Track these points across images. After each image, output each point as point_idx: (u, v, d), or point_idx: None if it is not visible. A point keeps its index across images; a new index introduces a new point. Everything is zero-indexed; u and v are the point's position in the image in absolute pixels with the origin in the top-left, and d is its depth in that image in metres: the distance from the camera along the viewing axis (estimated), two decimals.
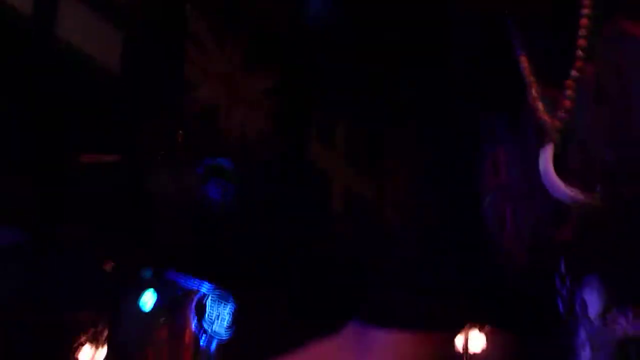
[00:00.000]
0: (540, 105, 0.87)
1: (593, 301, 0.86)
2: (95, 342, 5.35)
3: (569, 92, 0.83)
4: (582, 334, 0.90)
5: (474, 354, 5.81)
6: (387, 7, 1.03)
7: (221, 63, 5.07)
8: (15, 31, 3.92)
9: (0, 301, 5.09)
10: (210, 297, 5.47)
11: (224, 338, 5.51)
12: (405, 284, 1.08)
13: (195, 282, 5.37)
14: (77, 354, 5.35)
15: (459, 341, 5.82)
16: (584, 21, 0.85)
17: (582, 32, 0.85)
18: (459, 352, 5.98)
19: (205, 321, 5.41)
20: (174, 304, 5.40)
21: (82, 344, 5.37)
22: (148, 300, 5.17)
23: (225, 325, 5.53)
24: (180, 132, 4.52)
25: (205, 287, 5.42)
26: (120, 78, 4.35)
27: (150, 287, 5.18)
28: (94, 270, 5.06)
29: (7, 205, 4.24)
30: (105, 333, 5.31)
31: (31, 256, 4.92)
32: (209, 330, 5.43)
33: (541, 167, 0.85)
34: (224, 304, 5.60)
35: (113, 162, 4.40)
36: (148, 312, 5.23)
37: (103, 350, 5.33)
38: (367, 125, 5.23)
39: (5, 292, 5.10)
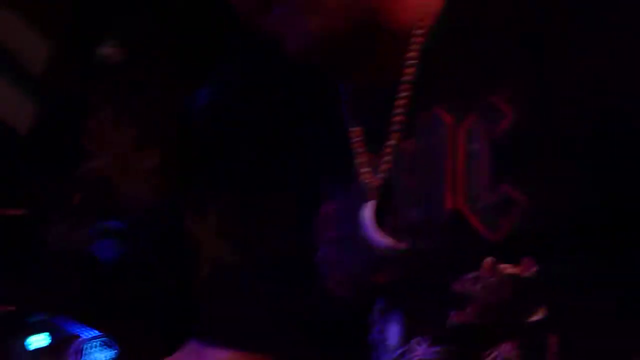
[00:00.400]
0: (364, 168, 1.04)
1: (394, 333, 1.03)
2: None
3: (386, 159, 1.01)
4: None
5: None
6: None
7: (116, 140, 5.36)
8: None
9: None
10: (92, 343, 5.15)
11: None
12: (236, 307, 1.31)
13: (80, 329, 5.12)
14: None
15: None
16: (400, 102, 1.01)
17: (399, 110, 1.01)
18: None
19: (87, 358, 5.15)
20: (58, 347, 5.09)
21: None
22: (35, 342, 4.93)
23: None
24: (77, 195, 4.74)
25: (89, 334, 5.04)
26: (27, 141, 4.64)
27: (40, 330, 4.92)
28: None
29: None
30: None
31: None
32: None
33: (363, 220, 1.02)
34: (106, 349, 5.12)
35: (15, 216, 4.69)
36: (33, 353, 4.96)
37: None
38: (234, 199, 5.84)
39: None
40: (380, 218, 1.01)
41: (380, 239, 1.00)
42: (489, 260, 0.92)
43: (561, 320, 0.90)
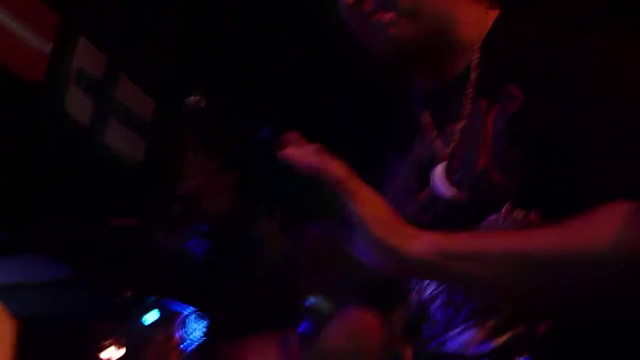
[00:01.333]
0: (436, 141, 1.06)
1: None
2: (116, 345, 6.08)
3: (455, 135, 1.03)
4: None
5: None
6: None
7: (202, 166, 5.76)
8: (71, 136, 4.62)
9: (51, 315, 6.02)
10: (190, 316, 6.05)
11: (197, 344, 5.96)
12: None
13: (181, 306, 5.97)
14: (102, 354, 6.09)
15: None
16: (468, 96, 1.03)
17: (467, 102, 1.03)
18: None
19: (185, 332, 5.97)
20: (167, 320, 5.98)
21: (107, 346, 6.08)
22: (149, 317, 5.84)
23: (199, 335, 5.98)
24: (176, 207, 5.31)
25: (187, 310, 6.02)
26: (139, 169, 5.08)
27: (152, 308, 5.86)
28: (118, 297, 5.75)
29: (56, 248, 5.00)
30: (123, 339, 6.03)
31: (77, 288, 5.68)
32: (190, 336, 5.99)
33: (435, 176, 1.03)
34: (202, 321, 6.10)
35: (130, 224, 5.12)
36: (149, 325, 5.91)
37: (121, 351, 6.01)
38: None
39: (53, 309, 6.01)
40: (448, 174, 1.03)
41: (448, 189, 1.02)
42: (507, 205, 0.93)
43: None
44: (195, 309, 6.17)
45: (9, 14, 4.13)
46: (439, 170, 1.02)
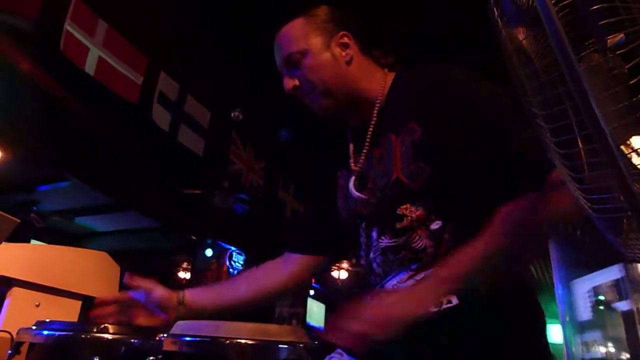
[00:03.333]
0: (352, 163, 1.02)
1: (374, 234, 0.97)
2: (184, 270, 6.53)
3: (362, 159, 0.99)
4: None
5: None
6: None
7: (244, 155, 5.96)
8: (157, 137, 4.86)
9: (144, 252, 6.26)
10: (234, 252, 6.26)
11: (240, 269, 6.17)
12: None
13: (228, 246, 6.19)
14: (179, 274, 6.43)
15: None
16: (370, 133, 0.99)
17: (369, 136, 0.99)
18: None
19: (232, 261, 6.21)
20: (219, 254, 6.18)
21: (180, 270, 6.59)
22: (208, 252, 6.06)
23: (240, 265, 6.21)
24: (225, 182, 5.57)
25: (232, 248, 6.21)
26: (201, 159, 5.30)
27: (210, 247, 6.09)
28: (188, 239, 6.08)
29: (148, 208, 5.32)
30: (190, 266, 6.41)
31: (161, 233, 5.95)
32: (234, 265, 6.19)
33: (350, 187, 1.00)
34: (241, 255, 6.33)
35: (196, 193, 4.76)
36: (209, 257, 6.08)
37: (188, 274, 6.43)
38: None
39: (146, 247, 6.30)
40: (359, 186, 0.98)
41: (358, 195, 0.98)
42: (412, 199, 0.89)
43: (452, 227, 0.87)
44: (237, 247, 6.31)
45: (116, 58, 4.47)
46: (350, 183, 0.99)
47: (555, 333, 3.54)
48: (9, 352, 0.89)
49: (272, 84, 1.08)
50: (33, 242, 5.63)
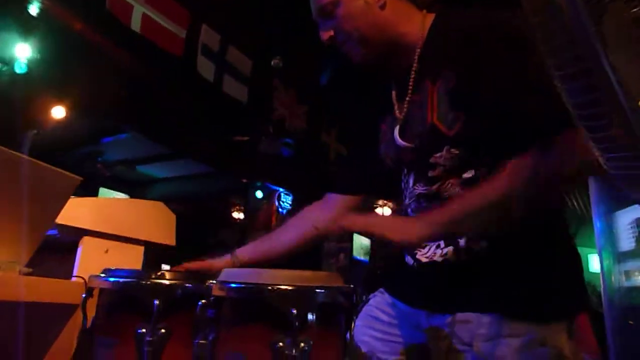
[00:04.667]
0: (396, 110, 0.97)
1: (411, 180, 0.97)
2: (238, 210, 6.73)
3: (406, 105, 0.95)
4: None
5: None
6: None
7: (286, 101, 5.99)
8: (202, 88, 4.93)
9: (200, 195, 6.42)
10: (282, 193, 6.38)
11: (289, 209, 6.37)
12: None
13: (277, 188, 6.32)
14: (233, 214, 6.69)
15: None
16: (412, 79, 0.94)
17: (411, 82, 0.94)
18: None
19: (281, 201, 6.37)
20: (269, 195, 6.31)
21: (234, 211, 6.85)
22: (259, 194, 6.26)
23: (288, 205, 6.37)
24: (270, 127, 5.48)
25: (280, 189, 6.35)
26: (246, 106, 5.46)
27: (260, 189, 6.25)
28: (240, 182, 6.21)
29: (203, 155, 5.49)
30: (243, 207, 6.57)
31: (216, 178, 6.18)
32: (282, 205, 6.36)
33: (395, 134, 0.96)
34: (289, 195, 6.45)
35: (244, 140, 5.26)
36: (259, 199, 6.28)
37: (242, 215, 6.63)
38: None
39: (200, 191, 6.42)
40: (401, 133, 0.95)
41: (401, 141, 0.95)
42: (446, 147, 0.87)
43: (484, 177, 0.84)
44: (285, 189, 6.41)
45: (159, 13, 4.46)
46: (395, 131, 0.96)
47: (595, 263, 3.49)
48: (83, 295, 0.97)
49: (311, 28, 1.02)
50: (101, 189, 6.03)
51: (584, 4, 0.36)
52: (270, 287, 0.75)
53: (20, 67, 3.70)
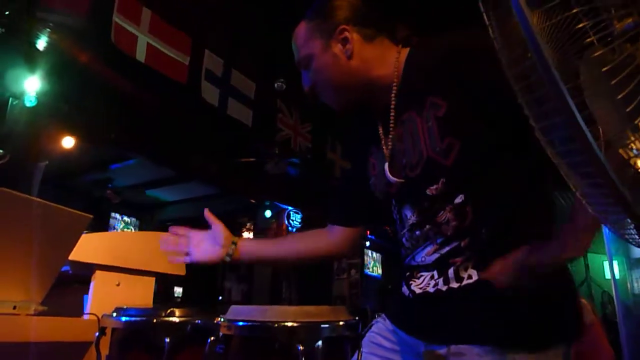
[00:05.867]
0: (383, 145, 0.96)
1: (405, 213, 0.95)
2: (248, 230, 6.80)
3: (389, 141, 0.94)
4: None
5: None
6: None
7: (290, 122, 6.09)
8: (207, 112, 5.03)
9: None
10: (292, 211, 6.47)
11: (299, 227, 6.39)
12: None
13: (285, 206, 6.40)
14: (242, 236, 6.62)
15: None
16: (392, 113, 0.93)
17: (392, 117, 0.93)
18: None
19: (290, 220, 6.42)
20: (278, 214, 6.41)
21: (244, 231, 6.90)
22: (268, 213, 6.31)
23: (297, 223, 6.43)
24: (276, 148, 5.59)
25: (289, 208, 6.43)
26: (250, 129, 5.45)
27: (269, 208, 6.30)
28: (247, 202, 6.33)
29: (209, 177, 5.55)
30: (253, 227, 6.62)
31: (223, 199, 6.23)
32: (292, 224, 6.41)
33: (384, 169, 0.96)
34: (298, 214, 6.52)
35: (251, 161, 5.38)
36: (268, 218, 6.33)
37: (251, 234, 6.68)
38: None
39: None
40: (391, 168, 0.95)
41: (391, 177, 0.95)
42: (442, 179, 0.86)
43: (474, 200, 0.84)
44: (294, 207, 6.50)
45: (162, 42, 4.55)
46: (385, 167, 0.95)
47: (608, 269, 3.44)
48: (96, 334, 1.00)
49: None
50: (113, 215, 6.06)
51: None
52: (276, 325, 0.76)
53: (29, 101, 3.79)
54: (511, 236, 0.80)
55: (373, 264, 7.56)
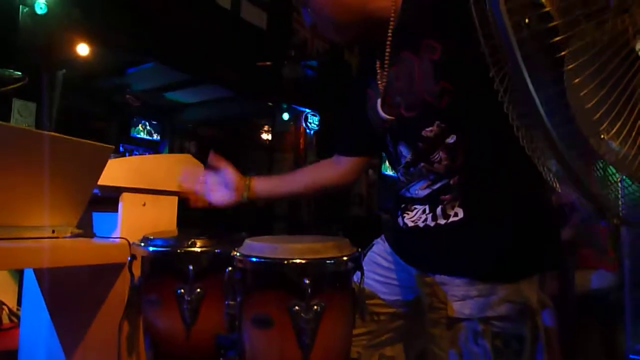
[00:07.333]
0: (379, 80, 0.97)
1: (400, 150, 0.98)
2: (266, 132, 6.74)
3: (384, 80, 0.95)
4: None
5: None
6: None
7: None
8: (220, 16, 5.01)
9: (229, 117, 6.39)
10: (310, 114, 6.41)
11: (316, 130, 6.33)
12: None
13: (304, 108, 6.36)
14: (262, 136, 6.56)
15: None
16: (388, 51, 0.93)
17: (387, 54, 0.93)
18: None
19: (308, 122, 6.34)
20: (295, 117, 6.37)
21: (262, 132, 6.78)
22: (285, 115, 6.28)
23: (315, 125, 6.38)
24: (292, 52, 5.52)
25: (307, 110, 6.39)
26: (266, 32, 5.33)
27: (286, 110, 6.26)
28: (266, 105, 6.27)
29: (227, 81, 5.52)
30: (271, 129, 6.56)
31: (242, 101, 6.11)
32: (310, 126, 6.29)
33: (377, 105, 0.97)
34: (316, 116, 6.46)
35: (267, 64, 5.39)
36: (286, 120, 6.30)
37: (269, 136, 6.62)
38: None
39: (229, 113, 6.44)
40: (383, 104, 0.96)
41: (383, 113, 0.96)
42: (437, 122, 0.87)
43: (465, 141, 0.86)
44: (311, 109, 6.41)
45: None
46: (378, 103, 0.97)
47: None
48: (129, 258, 1.11)
49: None
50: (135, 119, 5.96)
51: None
52: (285, 262, 0.85)
53: (40, 8, 3.70)
54: (499, 177, 0.85)
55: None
